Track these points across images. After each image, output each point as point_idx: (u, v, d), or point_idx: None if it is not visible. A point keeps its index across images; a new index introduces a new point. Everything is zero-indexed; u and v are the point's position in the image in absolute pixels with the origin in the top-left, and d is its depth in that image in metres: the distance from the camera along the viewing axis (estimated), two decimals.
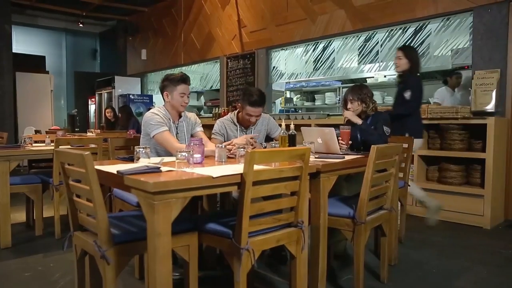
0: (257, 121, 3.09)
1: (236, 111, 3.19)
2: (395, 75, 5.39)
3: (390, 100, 5.47)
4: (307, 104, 6.89)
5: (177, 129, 2.82)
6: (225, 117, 3.21)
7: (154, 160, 2.16)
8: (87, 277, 2.04)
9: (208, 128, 3.51)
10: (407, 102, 3.59)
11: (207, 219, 2.02)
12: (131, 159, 2.26)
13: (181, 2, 8.41)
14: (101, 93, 9.81)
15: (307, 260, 2.13)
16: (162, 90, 2.80)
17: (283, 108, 6.98)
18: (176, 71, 8.89)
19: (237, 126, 3.12)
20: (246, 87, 3.30)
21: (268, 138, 3.27)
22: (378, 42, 5.50)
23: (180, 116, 2.86)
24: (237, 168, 1.89)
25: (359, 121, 2.97)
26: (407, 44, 4.98)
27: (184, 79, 2.77)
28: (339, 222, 2.32)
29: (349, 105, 3.02)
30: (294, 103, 7.01)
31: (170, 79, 2.76)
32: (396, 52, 3.79)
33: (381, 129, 2.89)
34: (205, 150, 2.31)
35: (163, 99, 2.82)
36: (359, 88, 3.02)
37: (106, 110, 7.37)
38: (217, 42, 7.60)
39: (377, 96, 5.49)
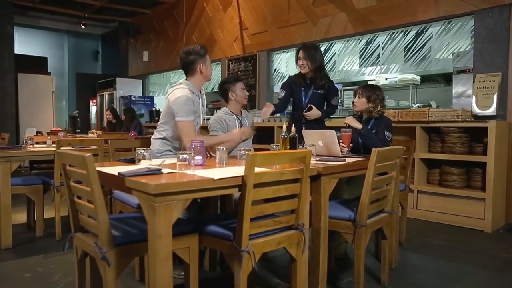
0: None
1: (226, 106, 3.31)
2: (396, 78, 5.42)
3: (391, 103, 5.46)
4: None
5: (201, 101, 2.87)
6: (218, 113, 3.25)
7: (155, 162, 2.16)
8: (88, 278, 2.04)
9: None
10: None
11: (207, 221, 2.02)
12: (132, 161, 2.26)
13: (183, 4, 8.44)
14: (103, 95, 9.84)
15: (308, 263, 2.13)
16: (192, 64, 2.78)
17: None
18: (177, 72, 8.92)
19: (233, 115, 3.23)
20: (220, 83, 3.42)
21: None
22: (379, 45, 5.52)
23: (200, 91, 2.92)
24: (238, 170, 1.88)
25: (358, 126, 2.95)
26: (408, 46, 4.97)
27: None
28: (339, 225, 2.31)
29: (355, 99, 3.01)
30: None
31: (197, 52, 2.78)
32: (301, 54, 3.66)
33: (382, 134, 2.86)
34: (221, 136, 2.86)
35: (195, 73, 2.80)
36: (372, 87, 3.00)
37: (106, 112, 7.39)
38: (218, 44, 7.62)
39: None
